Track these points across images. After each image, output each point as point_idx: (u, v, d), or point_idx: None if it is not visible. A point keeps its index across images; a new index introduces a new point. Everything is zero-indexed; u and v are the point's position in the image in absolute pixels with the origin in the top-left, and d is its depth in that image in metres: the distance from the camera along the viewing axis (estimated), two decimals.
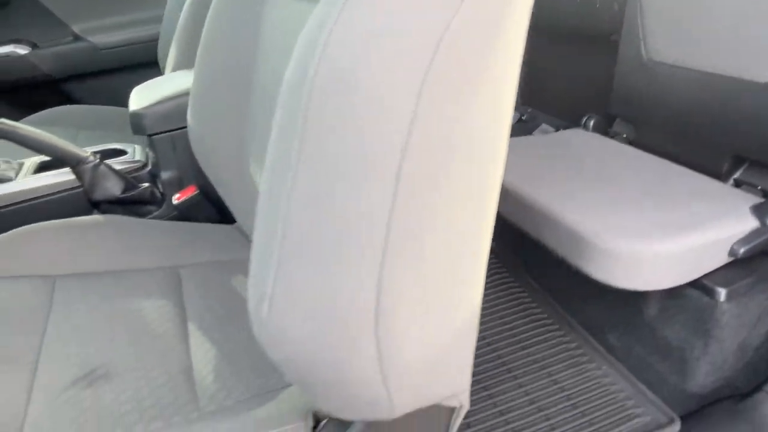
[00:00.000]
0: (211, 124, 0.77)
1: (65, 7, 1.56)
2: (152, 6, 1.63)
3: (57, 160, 0.94)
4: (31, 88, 1.57)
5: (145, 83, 0.96)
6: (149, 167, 0.93)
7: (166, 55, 1.47)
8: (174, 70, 1.04)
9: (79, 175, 0.81)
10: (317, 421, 0.51)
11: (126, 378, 0.56)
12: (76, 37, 1.58)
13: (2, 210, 0.84)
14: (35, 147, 0.79)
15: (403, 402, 0.43)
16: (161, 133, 0.84)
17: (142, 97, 0.87)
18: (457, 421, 0.52)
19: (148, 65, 1.61)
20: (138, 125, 0.83)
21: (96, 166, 0.81)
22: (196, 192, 0.85)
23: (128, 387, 0.55)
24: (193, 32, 1.01)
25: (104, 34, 1.60)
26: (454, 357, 0.45)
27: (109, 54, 1.61)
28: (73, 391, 0.55)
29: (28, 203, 0.85)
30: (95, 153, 0.84)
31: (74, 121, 1.42)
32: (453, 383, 0.47)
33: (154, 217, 0.88)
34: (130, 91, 1.65)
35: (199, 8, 1.01)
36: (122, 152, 0.97)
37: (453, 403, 0.48)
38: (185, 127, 0.84)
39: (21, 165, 0.91)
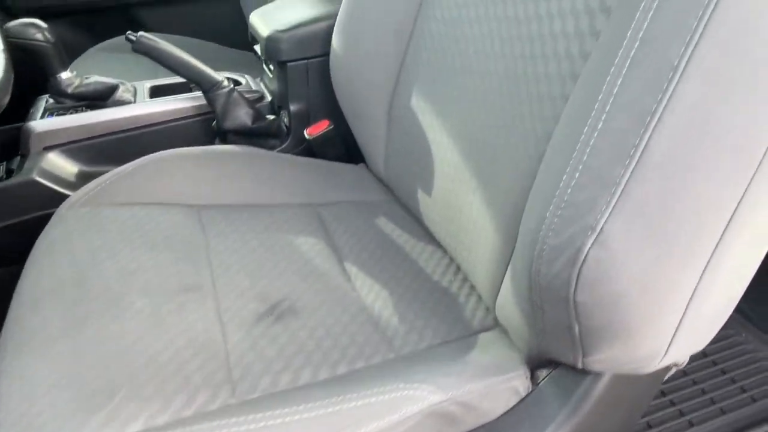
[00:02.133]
0: (360, 52, 0.71)
1: None
2: None
3: (169, 87, 0.89)
4: (102, 14, 1.50)
5: (264, 8, 0.89)
6: (268, 98, 0.88)
7: None
8: None
9: (210, 101, 0.76)
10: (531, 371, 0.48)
11: (312, 315, 0.54)
12: None
13: (129, 133, 0.80)
14: (173, 66, 0.74)
15: (672, 355, 0.40)
16: (297, 60, 0.78)
17: (272, 20, 0.80)
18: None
19: None
20: (274, 49, 0.77)
21: (230, 92, 0.76)
22: (329, 126, 0.80)
23: (318, 324, 0.53)
24: None
25: None
26: (718, 321, 0.42)
27: None
28: (263, 324, 0.52)
29: (154, 128, 0.81)
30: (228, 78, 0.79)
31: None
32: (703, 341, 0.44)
33: (280, 151, 0.83)
34: (203, 22, 1.57)
35: None
36: (237, 82, 0.92)
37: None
38: (321, 55, 0.79)
39: (135, 88, 0.86)
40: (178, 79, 0.86)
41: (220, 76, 0.76)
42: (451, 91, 0.59)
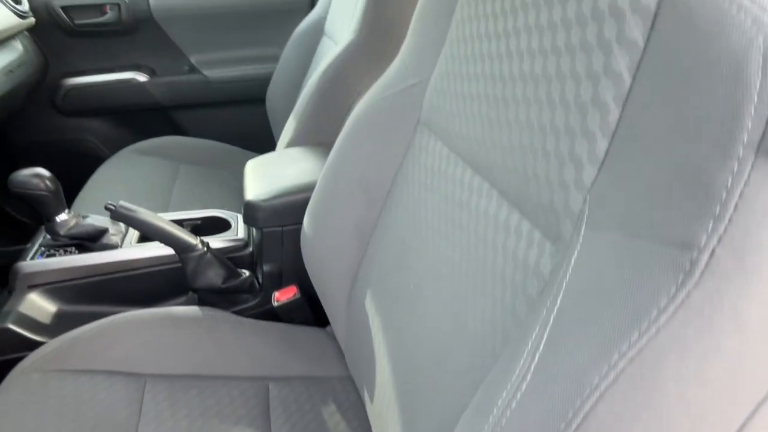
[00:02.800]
0: (324, 239, 0.72)
1: (186, 38, 1.59)
2: (269, 44, 1.63)
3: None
4: (143, 114, 1.62)
5: (261, 159, 0.93)
6: (251, 248, 0.90)
7: (275, 97, 1.46)
8: (290, 143, 1.00)
9: (184, 261, 0.79)
10: None
11: None
12: (192, 69, 1.61)
13: (109, 276, 0.84)
14: (148, 232, 0.78)
15: None
16: (272, 227, 0.80)
17: (257, 181, 0.84)
18: None
19: (255, 102, 1.61)
20: (252, 217, 0.79)
21: (202, 255, 0.79)
22: (296, 295, 0.80)
23: None
24: (319, 108, 0.97)
25: (218, 68, 1.62)
26: None
27: (220, 87, 1.63)
28: None
29: (133, 272, 0.85)
30: (200, 220, 0.82)
31: (178, 153, 1.43)
32: None
33: (248, 308, 0.84)
34: (235, 125, 1.67)
35: (331, 85, 0.96)
36: (226, 224, 0.95)
37: None
38: (296, 224, 0.80)
39: (127, 230, 0.91)
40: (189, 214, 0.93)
41: (194, 239, 0.79)
42: (402, 300, 0.58)
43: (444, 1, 0.58)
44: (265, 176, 0.85)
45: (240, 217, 0.99)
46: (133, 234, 0.89)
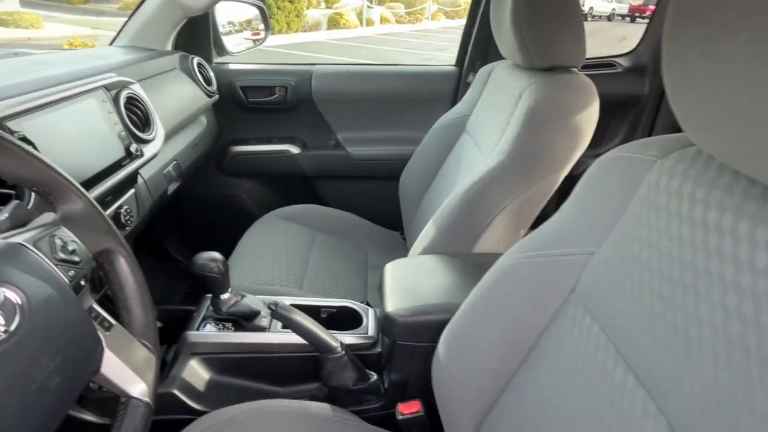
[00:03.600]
0: (461, 372, 0.74)
1: (336, 117, 1.76)
2: (411, 128, 1.74)
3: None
4: (290, 180, 1.80)
5: (399, 265, 0.99)
6: (379, 348, 0.95)
7: (408, 180, 1.54)
8: (427, 249, 1.05)
9: (323, 360, 0.86)
10: None
11: None
12: (337, 144, 1.77)
13: (254, 355, 0.94)
14: (299, 332, 0.86)
15: None
16: (405, 341, 0.85)
17: (396, 291, 0.89)
18: None
19: (389, 179, 1.72)
20: (388, 330, 0.85)
21: (340, 358, 0.85)
22: (420, 412, 0.83)
23: None
24: (460, 220, 1.02)
25: (360, 145, 1.76)
26: None
27: (360, 163, 1.76)
28: None
29: (275, 354, 0.94)
30: (335, 309, 0.89)
31: (315, 221, 1.57)
32: None
33: (371, 409, 0.89)
34: (368, 199, 1.79)
35: (475, 200, 1.01)
36: (357, 317, 1.02)
37: None
38: (430, 342, 0.84)
39: (272, 318, 1.01)
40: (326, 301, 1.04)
41: (335, 342, 0.86)
42: None
43: (627, 176, 0.56)
44: (403, 287, 0.91)
45: (370, 311, 1.06)
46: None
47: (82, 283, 0.54)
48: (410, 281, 0.93)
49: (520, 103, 1.04)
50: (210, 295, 0.99)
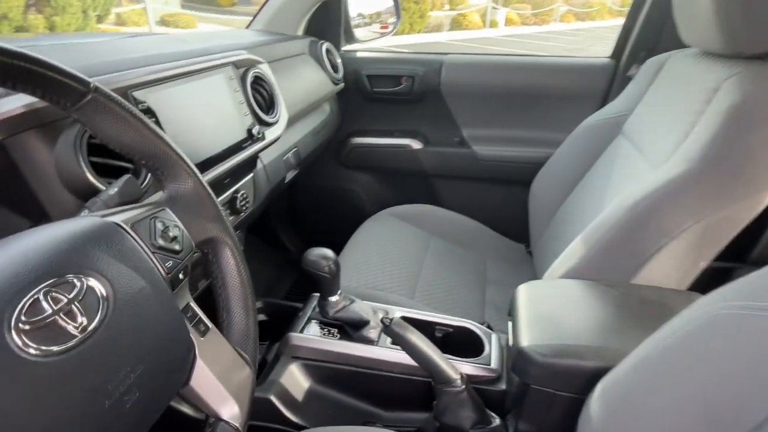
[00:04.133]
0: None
1: (464, 112, 1.61)
2: (548, 128, 1.54)
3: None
4: (408, 176, 1.69)
5: (535, 288, 0.82)
6: (503, 384, 0.79)
7: (542, 187, 1.35)
8: (570, 272, 0.86)
9: (438, 392, 0.73)
10: None
11: None
12: (461, 142, 1.62)
13: (358, 369, 0.84)
14: (413, 355, 0.74)
15: None
16: (544, 387, 0.68)
17: (533, 321, 0.73)
18: None
19: (517, 184, 1.54)
20: (522, 369, 0.69)
21: (459, 393, 0.71)
22: None
23: None
24: (619, 241, 0.82)
25: (487, 144, 1.59)
26: None
27: (486, 164, 1.60)
28: None
29: (382, 373, 0.83)
30: (452, 328, 0.78)
31: (431, 223, 1.44)
32: None
33: None
34: (490, 204, 1.62)
35: (643, 218, 0.80)
36: (478, 342, 0.87)
37: None
38: (575, 394, 0.67)
39: (382, 329, 0.89)
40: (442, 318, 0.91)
41: (456, 373, 0.72)
42: None
43: None
44: (544, 318, 0.74)
45: (494, 336, 0.90)
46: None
47: (181, 276, 0.46)
48: (552, 311, 0.76)
49: (716, 98, 0.81)
50: (318, 294, 0.90)
